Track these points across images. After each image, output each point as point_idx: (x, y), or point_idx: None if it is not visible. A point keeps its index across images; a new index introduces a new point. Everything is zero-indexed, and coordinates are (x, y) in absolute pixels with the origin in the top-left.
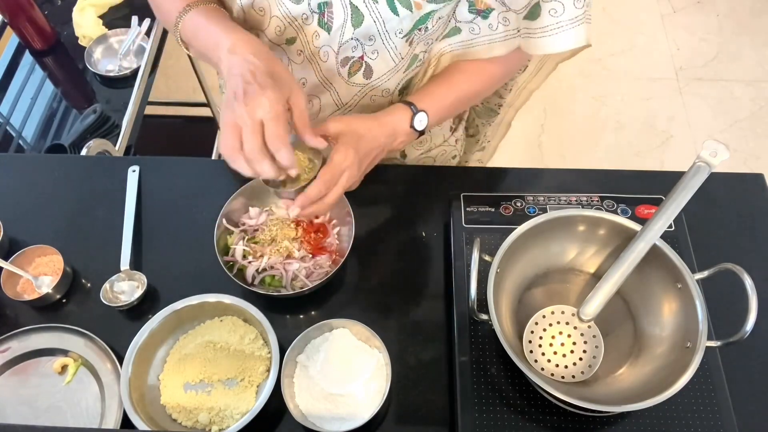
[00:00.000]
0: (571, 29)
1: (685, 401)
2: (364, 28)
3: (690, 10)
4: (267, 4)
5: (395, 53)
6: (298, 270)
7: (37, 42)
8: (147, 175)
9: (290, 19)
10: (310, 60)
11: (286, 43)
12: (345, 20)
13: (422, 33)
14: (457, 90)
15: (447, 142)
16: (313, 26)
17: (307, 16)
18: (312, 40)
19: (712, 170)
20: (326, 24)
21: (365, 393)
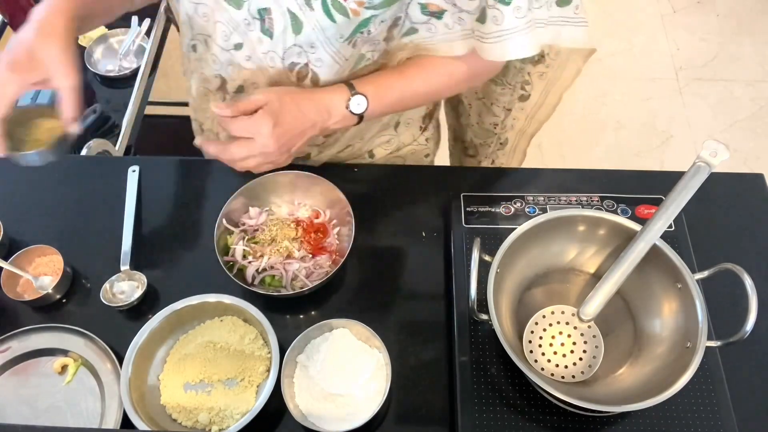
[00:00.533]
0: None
1: (685, 401)
2: (305, 36)
3: (690, 10)
4: (210, 10)
5: (339, 57)
6: (298, 270)
7: None
8: (147, 175)
9: (234, 24)
10: (259, 66)
11: (234, 48)
12: (286, 27)
13: (365, 35)
14: (408, 82)
15: (417, 141)
16: (257, 32)
17: (249, 21)
18: (257, 46)
19: (712, 170)
20: (268, 30)
21: (365, 393)
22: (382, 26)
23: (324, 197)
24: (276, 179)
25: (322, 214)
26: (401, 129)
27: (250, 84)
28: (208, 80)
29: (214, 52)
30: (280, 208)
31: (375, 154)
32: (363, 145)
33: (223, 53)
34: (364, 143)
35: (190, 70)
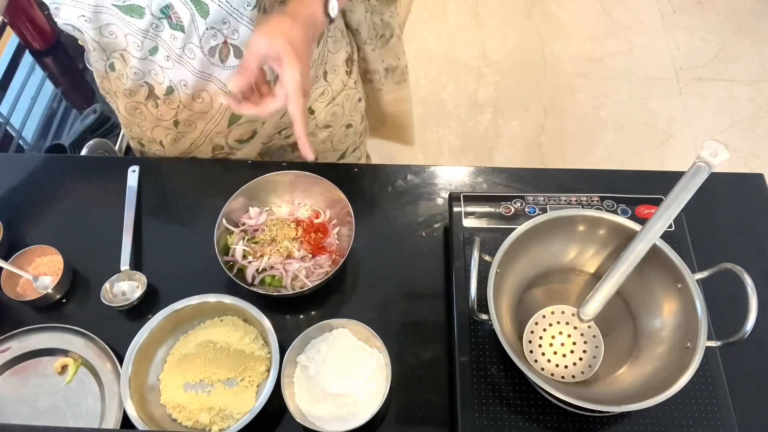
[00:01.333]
0: None
1: (685, 401)
2: (213, 16)
3: (690, 10)
4: (116, 27)
5: (252, 24)
6: (298, 270)
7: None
8: (147, 175)
9: (142, 32)
10: (180, 62)
11: (150, 54)
12: (192, 14)
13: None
14: None
15: (347, 86)
16: (167, 31)
17: (156, 24)
18: (172, 44)
19: (712, 170)
20: (177, 25)
21: (365, 393)
22: None
23: (324, 197)
24: (276, 179)
25: (322, 214)
26: (330, 77)
27: (177, 82)
28: (134, 92)
29: (132, 64)
30: (280, 208)
31: (315, 109)
32: None
33: (142, 62)
34: None
35: (111, 92)
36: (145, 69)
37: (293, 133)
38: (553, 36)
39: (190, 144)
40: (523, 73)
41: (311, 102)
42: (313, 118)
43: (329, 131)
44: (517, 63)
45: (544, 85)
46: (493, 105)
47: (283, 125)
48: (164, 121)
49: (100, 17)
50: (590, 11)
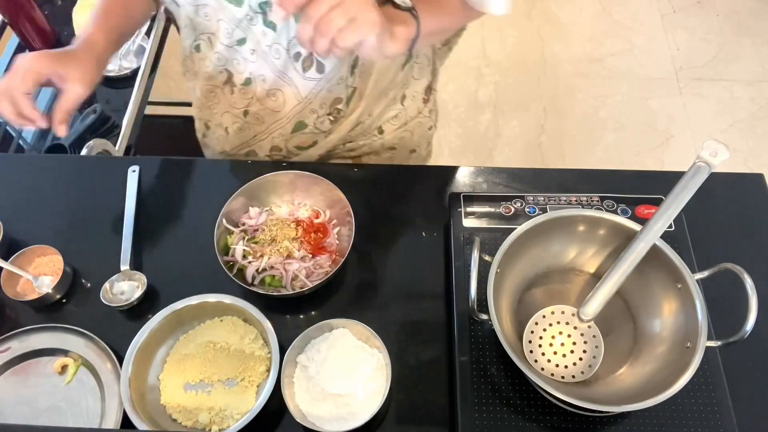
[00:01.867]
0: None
1: (685, 401)
2: None
3: (690, 10)
4: (212, 9)
5: None
6: (298, 270)
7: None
8: (147, 175)
9: (236, 21)
10: (264, 58)
11: (238, 44)
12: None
13: None
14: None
15: (422, 113)
16: (260, 26)
17: (252, 17)
18: (261, 39)
19: (712, 170)
20: (271, 23)
21: (365, 393)
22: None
23: (324, 197)
24: (276, 179)
25: (322, 214)
26: (407, 102)
27: (256, 76)
28: (213, 77)
29: (218, 50)
30: (280, 208)
31: (384, 130)
32: (372, 121)
33: (227, 49)
34: (373, 120)
35: (192, 71)
36: (229, 57)
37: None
38: (553, 36)
39: (253, 136)
40: (523, 73)
41: (382, 122)
42: (380, 137)
43: (392, 153)
44: (517, 63)
45: (544, 85)
46: (493, 105)
47: (348, 138)
48: (235, 108)
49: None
50: (590, 11)
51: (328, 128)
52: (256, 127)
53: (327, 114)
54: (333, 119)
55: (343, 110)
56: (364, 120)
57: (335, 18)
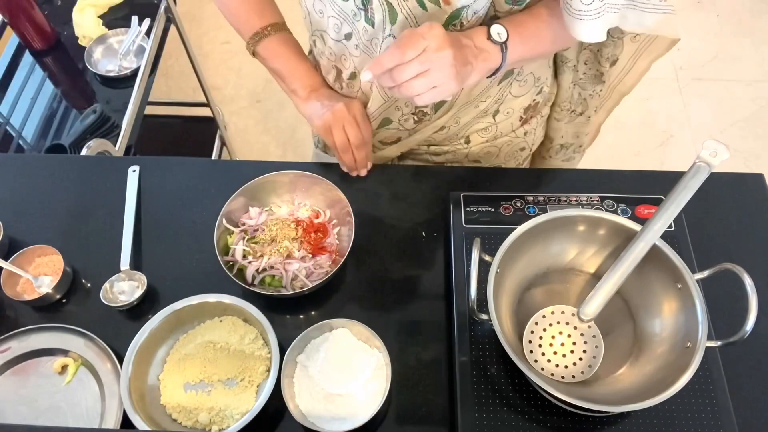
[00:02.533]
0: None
1: (685, 401)
2: (399, 25)
3: (690, 10)
4: (322, 5)
5: None
6: (298, 270)
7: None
8: (147, 175)
9: (343, 15)
10: (367, 53)
11: (345, 38)
12: (384, 16)
13: (457, 29)
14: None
15: (515, 133)
16: (362, 22)
17: (356, 12)
18: (363, 35)
19: (712, 170)
20: (370, 19)
21: (365, 393)
22: (475, 19)
23: (324, 197)
24: (276, 179)
25: (322, 214)
26: (500, 117)
27: (361, 70)
28: (328, 72)
29: (329, 45)
30: (280, 208)
31: (471, 140)
32: (459, 130)
33: (336, 44)
34: (459, 128)
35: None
36: (338, 52)
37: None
38: None
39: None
40: None
41: (470, 132)
42: (466, 147)
43: (476, 165)
44: None
45: None
46: None
47: (432, 141)
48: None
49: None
50: None
51: (412, 127)
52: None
53: (411, 113)
54: (417, 119)
55: (429, 113)
56: (449, 126)
57: (417, 85)
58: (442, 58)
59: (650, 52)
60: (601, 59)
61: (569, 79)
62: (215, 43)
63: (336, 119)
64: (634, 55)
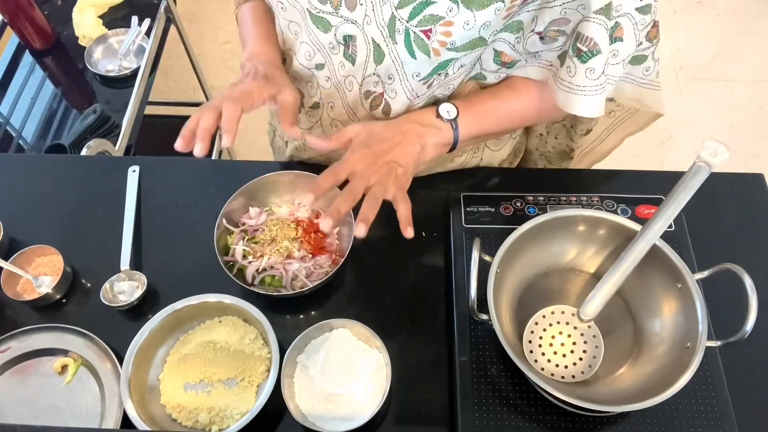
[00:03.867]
0: (579, 96)
1: (685, 401)
2: (384, 67)
3: (690, 10)
4: (299, 28)
5: (411, 94)
6: (298, 270)
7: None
8: (147, 175)
9: (319, 46)
10: (337, 87)
11: (316, 68)
12: (368, 55)
13: (442, 78)
14: (501, 99)
15: None
16: (339, 56)
17: (334, 45)
18: (338, 69)
19: (712, 170)
20: (350, 56)
21: (365, 393)
22: (461, 71)
23: (324, 197)
24: (276, 179)
25: (322, 214)
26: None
27: (326, 102)
28: None
29: (295, 68)
30: (280, 208)
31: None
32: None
33: (304, 70)
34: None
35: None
36: (304, 77)
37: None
38: None
39: (308, 157)
40: None
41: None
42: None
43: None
44: None
45: None
46: None
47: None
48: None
49: (290, 14)
50: None
51: None
52: (312, 151)
53: None
54: None
55: None
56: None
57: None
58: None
59: (625, 128)
60: (574, 135)
61: (534, 144)
62: (215, 43)
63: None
64: (608, 129)
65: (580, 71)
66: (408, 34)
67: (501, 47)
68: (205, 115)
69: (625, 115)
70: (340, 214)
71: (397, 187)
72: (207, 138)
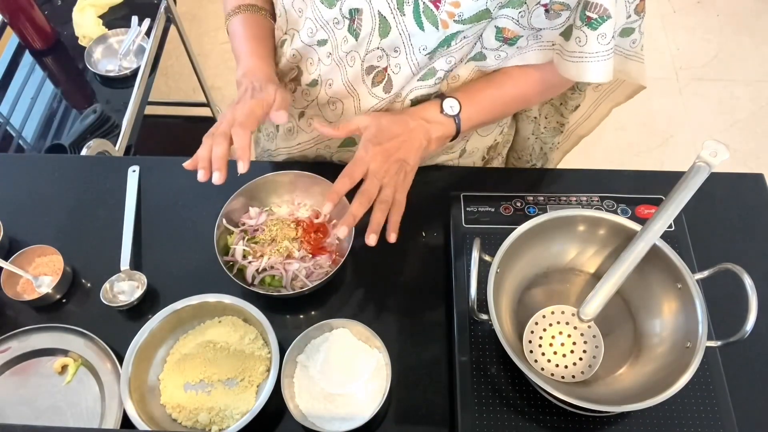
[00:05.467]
0: (592, 63)
1: (685, 401)
2: (390, 40)
3: (690, 10)
4: (304, 5)
5: (416, 67)
6: (298, 270)
7: (37, 42)
8: (147, 175)
9: (323, 22)
10: (338, 63)
11: (318, 44)
12: (373, 29)
13: (445, 48)
14: (498, 87)
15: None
16: (343, 31)
17: (338, 20)
18: (341, 45)
19: (712, 170)
20: (355, 31)
21: (365, 393)
22: (464, 43)
23: (324, 197)
24: (276, 179)
25: (322, 215)
26: (464, 156)
27: (324, 80)
28: (285, 73)
29: (296, 46)
30: (280, 208)
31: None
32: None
33: (305, 48)
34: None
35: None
36: (305, 55)
37: None
38: None
39: (297, 143)
40: None
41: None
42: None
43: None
44: None
45: None
46: None
47: None
48: (294, 108)
49: None
50: None
51: None
52: (303, 135)
53: None
54: None
55: None
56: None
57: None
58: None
59: (611, 100)
60: (565, 111)
61: (529, 129)
62: (215, 43)
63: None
64: (595, 102)
65: (592, 38)
66: (417, 4)
67: (503, 23)
68: (218, 142)
69: (610, 88)
70: (356, 219)
71: (402, 191)
72: (225, 166)
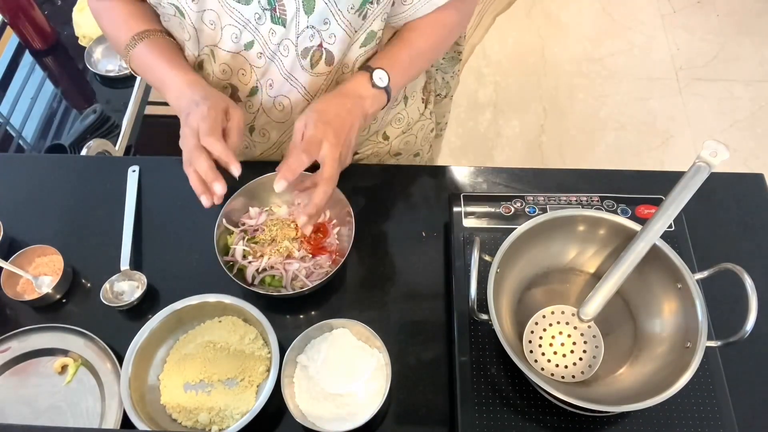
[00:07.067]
0: None
1: (685, 401)
2: (317, 14)
3: (690, 10)
4: (216, 15)
5: (350, 30)
6: (298, 270)
7: (37, 42)
8: (147, 175)
9: (244, 21)
10: (272, 59)
11: (245, 48)
12: (297, 10)
13: (374, 6)
14: (412, 46)
15: (423, 115)
16: (268, 24)
17: (260, 15)
18: (269, 39)
19: (712, 170)
20: (279, 18)
21: (365, 393)
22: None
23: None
24: None
25: (322, 214)
26: (410, 103)
27: (263, 83)
28: None
29: (223, 60)
30: (280, 208)
31: (389, 135)
32: (377, 127)
33: (233, 57)
34: (378, 124)
35: None
36: (234, 67)
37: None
38: (553, 36)
39: (260, 153)
40: (523, 73)
41: (386, 126)
42: (386, 144)
43: (397, 158)
44: (517, 63)
45: (544, 85)
46: (493, 105)
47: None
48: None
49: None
50: (590, 11)
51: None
52: (262, 145)
53: None
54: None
55: None
56: (370, 126)
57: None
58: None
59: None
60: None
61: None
62: None
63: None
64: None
65: None
66: None
67: None
68: (198, 162)
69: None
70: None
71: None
72: (218, 176)
